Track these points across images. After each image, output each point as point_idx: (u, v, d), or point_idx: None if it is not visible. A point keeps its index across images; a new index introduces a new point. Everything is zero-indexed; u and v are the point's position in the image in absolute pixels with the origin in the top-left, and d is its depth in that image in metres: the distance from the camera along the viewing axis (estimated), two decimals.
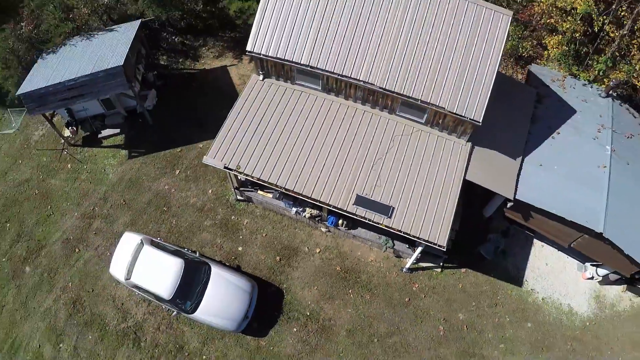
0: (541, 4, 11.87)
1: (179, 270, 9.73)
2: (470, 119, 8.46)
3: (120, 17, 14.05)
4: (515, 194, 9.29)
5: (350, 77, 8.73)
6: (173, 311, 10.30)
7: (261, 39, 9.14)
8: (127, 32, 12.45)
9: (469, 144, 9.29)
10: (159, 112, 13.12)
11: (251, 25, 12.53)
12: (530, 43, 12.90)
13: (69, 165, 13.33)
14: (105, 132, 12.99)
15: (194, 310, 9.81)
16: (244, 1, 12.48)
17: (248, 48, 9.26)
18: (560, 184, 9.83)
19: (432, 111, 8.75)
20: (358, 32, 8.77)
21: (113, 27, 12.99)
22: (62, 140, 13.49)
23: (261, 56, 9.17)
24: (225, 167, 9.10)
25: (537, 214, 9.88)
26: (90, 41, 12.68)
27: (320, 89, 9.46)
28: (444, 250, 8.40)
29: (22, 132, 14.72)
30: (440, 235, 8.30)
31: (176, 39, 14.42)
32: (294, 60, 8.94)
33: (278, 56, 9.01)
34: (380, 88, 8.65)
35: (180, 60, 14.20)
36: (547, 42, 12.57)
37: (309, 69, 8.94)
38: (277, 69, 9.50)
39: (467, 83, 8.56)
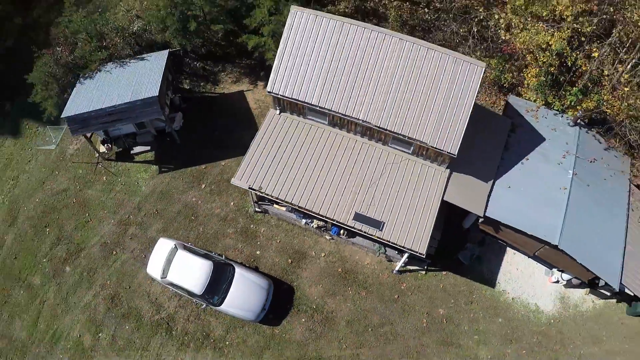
0: (519, 44, 14.79)
1: (209, 270, 12.82)
2: (447, 152, 11.47)
3: (147, 44, 17.07)
4: (485, 211, 12.33)
5: (351, 117, 11.76)
6: (202, 304, 13.42)
7: (279, 82, 12.14)
8: (157, 61, 15.42)
9: (448, 170, 12.34)
10: (185, 132, 16.21)
11: (264, 57, 15.55)
12: (511, 75, 15.87)
13: (104, 177, 16.43)
14: (137, 149, 16.08)
15: (220, 304, 12.92)
16: (260, 37, 15.45)
17: (268, 89, 12.27)
18: (525, 204, 12.86)
19: (417, 145, 11.78)
20: (358, 79, 11.77)
21: (143, 55, 15.96)
22: (97, 155, 16.56)
23: (279, 96, 12.19)
24: (249, 188, 12.17)
25: (506, 228, 12.93)
26: (123, 69, 15.66)
27: (327, 123, 12.54)
28: (424, 256, 11.46)
29: (57, 145, 17.79)
30: (420, 245, 11.38)
31: (197, 64, 17.46)
32: (306, 100, 11.96)
33: (293, 97, 12.03)
34: (376, 126, 11.67)
35: (202, 84, 17.27)
36: (525, 74, 15.55)
37: (318, 108, 11.97)
38: (291, 106, 12.53)
39: (445, 123, 11.56)
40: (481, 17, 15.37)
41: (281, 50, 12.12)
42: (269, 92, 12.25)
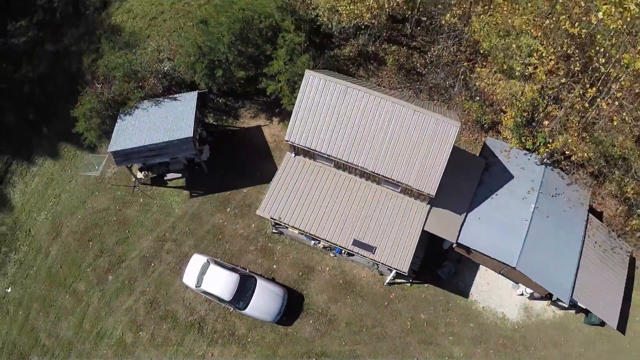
0: (498, 93, 19.67)
1: (236, 281, 17.95)
2: (427, 193, 16.50)
3: (176, 83, 21.99)
4: (457, 238, 17.39)
5: (352, 163, 16.77)
6: (230, 308, 18.57)
7: (295, 133, 17.12)
8: (188, 102, 20.29)
9: (428, 205, 17.39)
10: (211, 162, 21.23)
11: (280, 99, 20.44)
12: (490, 117, 20.82)
13: (141, 199, 21.50)
14: (170, 176, 21.13)
15: (244, 308, 18.08)
16: (277, 83, 20.34)
17: (286, 138, 17.24)
18: (491, 232, 17.90)
19: (403, 186, 16.81)
20: (359, 133, 16.73)
21: (175, 96, 20.86)
22: (134, 180, 21.58)
23: (295, 144, 17.18)
24: (271, 218, 17.23)
25: (475, 251, 17.99)
26: (158, 108, 20.54)
27: (333, 166, 17.56)
28: (406, 274, 16.57)
29: (87, 163, 22.56)
30: (404, 265, 16.49)
31: (220, 100, 22.41)
32: (316, 149, 16.94)
33: (306, 146, 17.02)
34: (371, 171, 16.69)
35: (224, 118, 22.27)
36: (502, 118, 20.48)
37: (326, 155, 16.96)
38: (304, 151, 17.54)
39: (426, 170, 16.55)
40: (465, 70, 20.31)
41: (297, 107, 17.08)
42: (287, 140, 17.25)
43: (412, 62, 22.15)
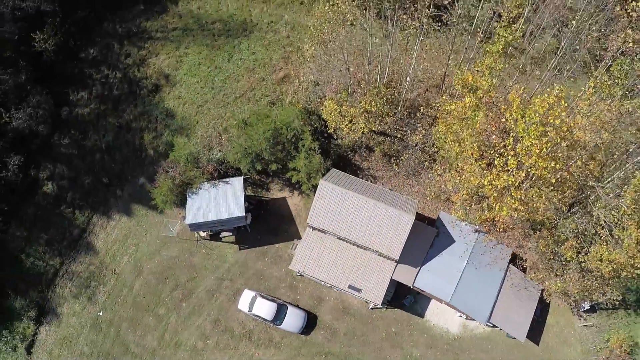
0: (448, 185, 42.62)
1: (275, 307, 41.57)
2: (393, 257, 39.93)
3: (225, 167, 44.77)
4: (413, 283, 40.88)
5: (348, 238, 40.09)
6: (270, 325, 42.31)
7: (314, 219, 40.13)
8: (238, 186, 43.02)
9: (395, 262, 40.81)
10: (252, 224, 44.47)
11: (300, 183, 43.88)
12: (443, 196, 43.90)
13: (203, 250, 44.77)
14: (224, 234, 44.31)
15: (280, 324, 41.78)
16: (298, 172, 42.95)
17: (307, 221, 40.31)
18: (436, 279, 41.32)
19: (379, 252, 40.22)
20: (352, 219, 39.77)
21: (227, 180, 43.65)
22: (196, 235, 44.79)
23: (313, 226, 40.45)
24: (298, 271, 40.78)
25: (425, 291, 41.58)
26: (216, 189, 43.38)
27: (337, 238, 40.84)
28: (380, 304, 40.29)
29: (165, 226, 45.93)
30: (379, 299, 40.06)
31: (256, 177, 45.30)
32: (326, 229, 40.18)
33: (320, 227, 40.22)
34: (360, 243, 40.06)
35: (259, 190, 45.25)
36: (453, 197, 43.58)
37: (332, 232, 40.29)
38: (319, 229, 40.80)
39: (393, 243, 39.84)
40: (428, 164, 43.37)
41: (314, 203, 40.01)
42: (308, 223, 40.34)
43: (394, 149, 44.92)
